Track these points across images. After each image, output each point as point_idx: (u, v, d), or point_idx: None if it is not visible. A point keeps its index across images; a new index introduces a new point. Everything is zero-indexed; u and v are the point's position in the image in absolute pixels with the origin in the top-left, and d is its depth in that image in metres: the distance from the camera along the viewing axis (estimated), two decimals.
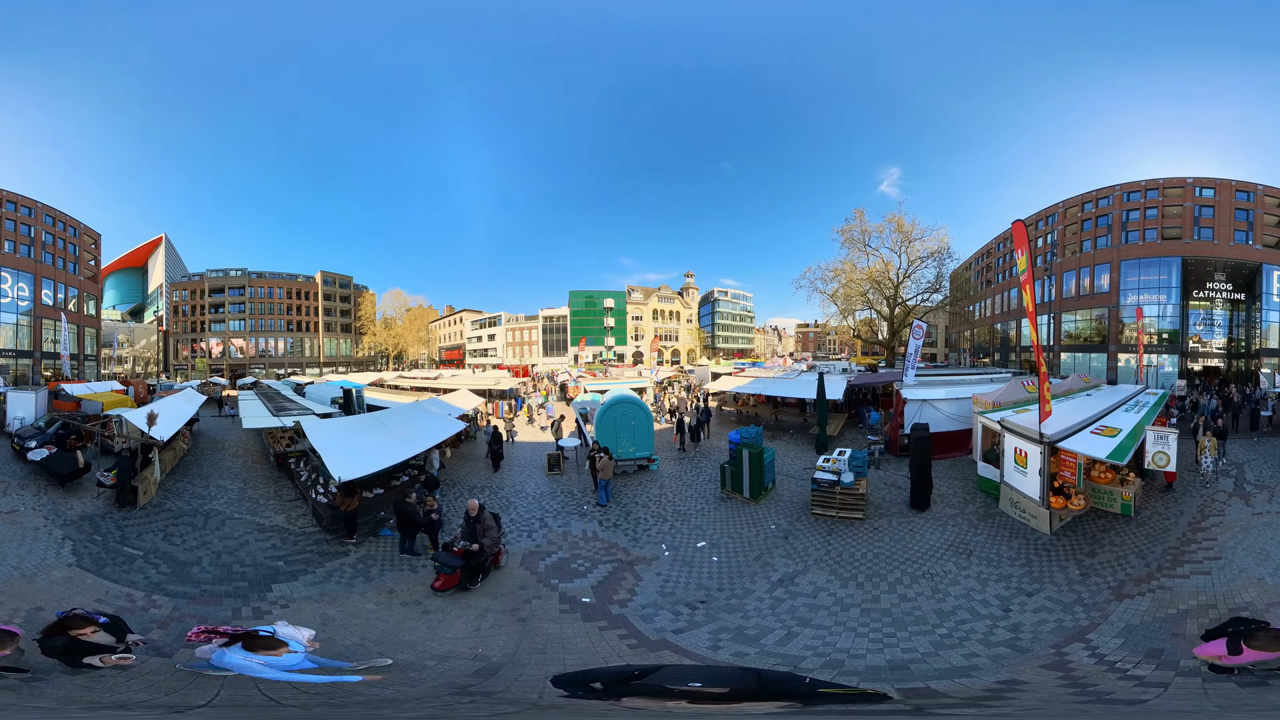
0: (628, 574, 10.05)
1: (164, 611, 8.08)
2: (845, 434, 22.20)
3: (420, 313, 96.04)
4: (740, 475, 14.19)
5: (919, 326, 23.35)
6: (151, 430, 13.91)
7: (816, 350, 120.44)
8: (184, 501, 13.68)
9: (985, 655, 6.75)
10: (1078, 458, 11.42)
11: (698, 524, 12.56)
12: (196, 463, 17.79)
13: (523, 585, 9.49)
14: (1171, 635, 6.83)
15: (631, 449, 17.03)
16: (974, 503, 13.06)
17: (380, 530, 11.93)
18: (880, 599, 8.58)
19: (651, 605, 8.78)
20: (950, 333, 74.21)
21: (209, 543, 11.06)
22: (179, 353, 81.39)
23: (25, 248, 49.05)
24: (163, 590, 8.81)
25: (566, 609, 8.61)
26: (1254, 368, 40.12)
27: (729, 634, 7.75)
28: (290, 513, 13.18)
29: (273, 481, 15.92)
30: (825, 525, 12.00)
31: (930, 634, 7.39)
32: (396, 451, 13.14)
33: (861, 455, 13.84)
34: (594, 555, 10.97)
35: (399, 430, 14.91)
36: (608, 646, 7.42)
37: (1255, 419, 20.77)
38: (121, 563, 9.82)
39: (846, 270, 48.70)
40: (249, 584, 9.20)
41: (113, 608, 7.73)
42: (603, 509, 13.75)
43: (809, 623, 7.95)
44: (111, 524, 11.66)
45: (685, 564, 10.48)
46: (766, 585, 9.40)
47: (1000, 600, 8.35)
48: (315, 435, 13.03)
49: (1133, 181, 45.82)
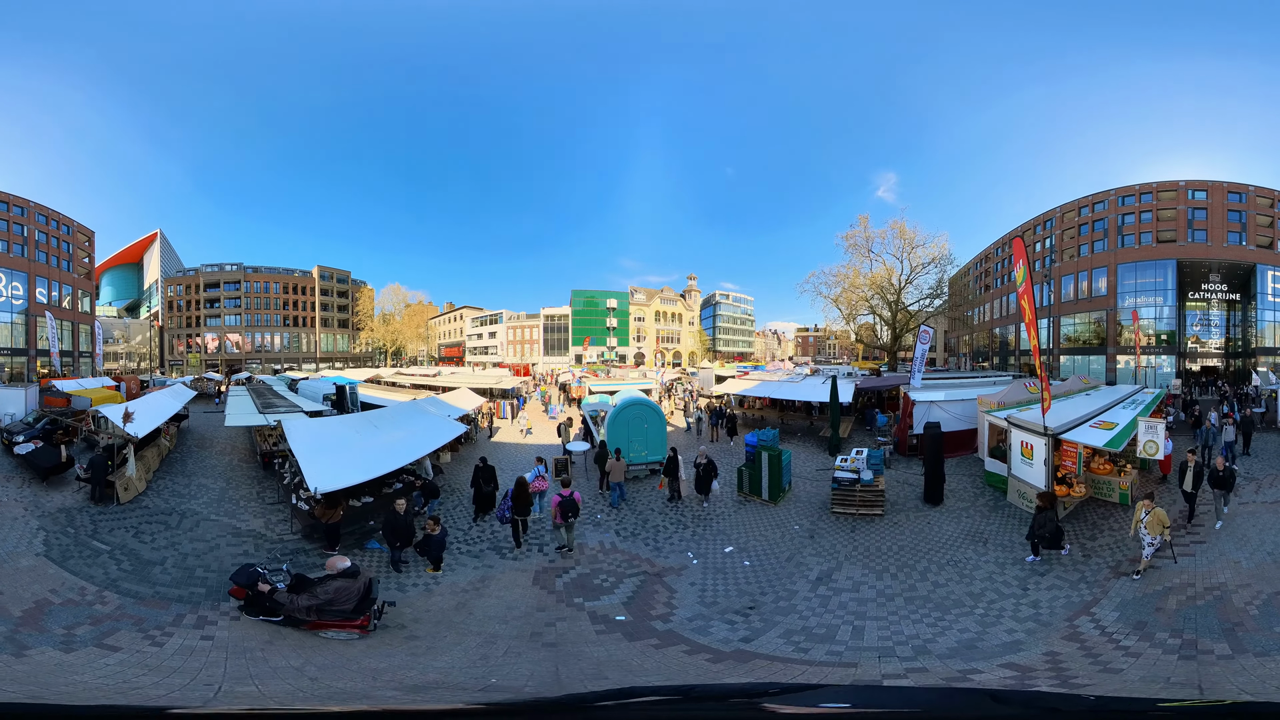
0: (659, 586, 9.54)
1: (107, 609, 7.81)
2: (853, 436, 22.74)
3: (419, 309, 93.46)
4: (759, 477, 14.19)
5: (925, 332, 24.21)
6: (127, 427, 13.48)
7: (817, 354, 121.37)
8: (162, 499, 13.39)
9: (1021, 630, 7.46)
10: (1078, 448, 12.29)
11: (720, 528, 12.38)
12: (182, 460, 17.40)
13: (540, 607, 8.67)
14: (1155, 610, 7.62)
15: (644, 453, 16.38)
16: (983, 496, 13.88)
17: (367, 543, 10.82)
18: (916, 587, 9.09)
19: (699, 617, 8.35)
20: (950, 337, 74.95)
21: (178, 543, 10.71)
22: (174, 348, 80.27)
23: (18, 247, 49.37)
24: (116, 587, 8.57)
25: (602, 629, 7.88)
26: (1250, 367, 40.60)
27: (800, 635, 7.57)
28: (270, 517, 12.54)
29: (257, 482, 15.22)
30: (847, 523, 12.37)
31: (970, 614, 8.05)
32: (387, 459, 11.89)
33: (878, 454, 14.46)
34: (616, 568, 10.33)
35: (392, 433, 13.70)
36: (675, 664, 6.81)
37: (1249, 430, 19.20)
38: (87, 556, 9.74)
39: (850, 275, 49.64)
40: (206, 590, 8.66)
41: (62, 599, 7.87)
42: (618, 518, 13.32)
43: (866, 615, 8.11)
44: (87, 518, 11.60)
45: (717, 570, 10.18)
46: (807, 584, 9.43)
47: (1019, 580, 9.15)
48: (296, 437, 11.70)
49: (1127, 186, 46.58)
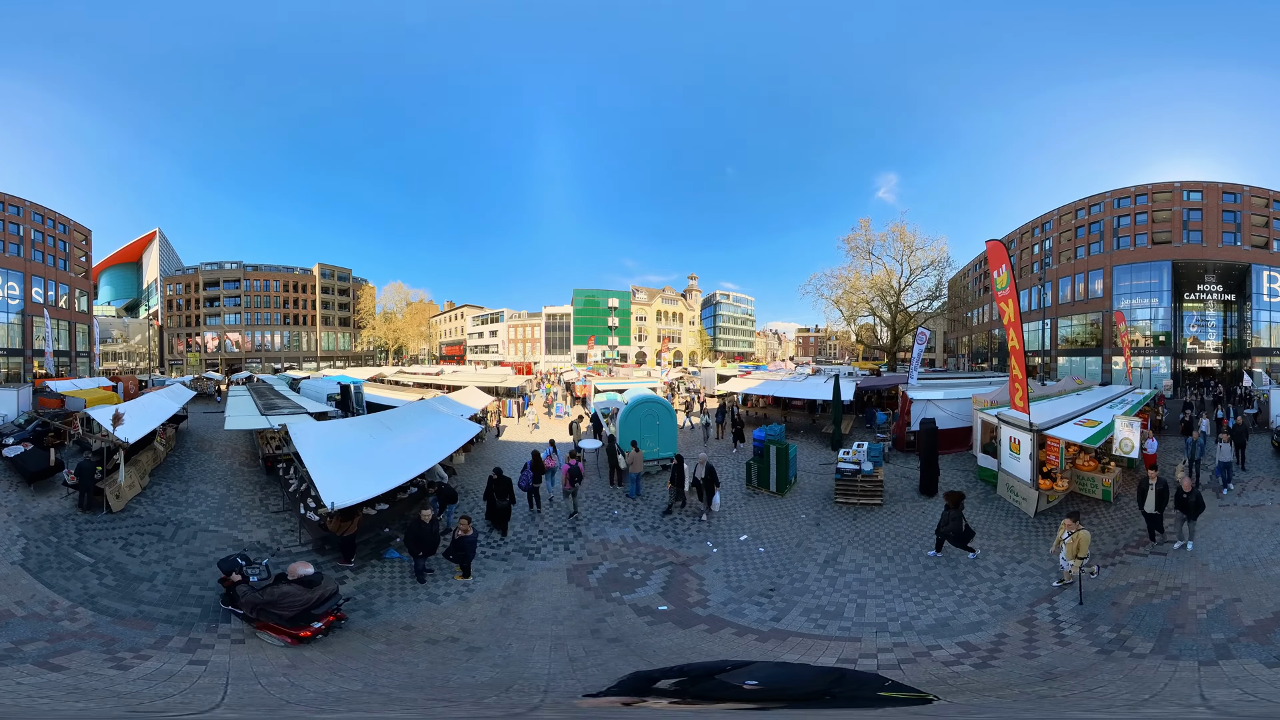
0: (687, 575, 10.08)
1: (75, 626, 7.17)
2: (854, 433, 23.48)
3: (421, 307, 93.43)
4: (767, 470, 14.96)
5: (922, 333, 25.06)
6: (116, 431, 12.62)
7: (817, 355, 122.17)
8: (156, 507, 12.68)
9: (988, 612, 8.36)
10: (1060, 443, 13.08)
11: (733, 519, 13.06)
12: (179, 464, 16.64)
13: (583, 604, 8.90)
14: (1111, 604, 8.15)
15: (656, 449, 16.74)
16: (975, 490, 14.63)
17: (385, 552, 10.32)
18: (909, 569, 10.06)
19: (731, 601, 8.96)
20: (948, 338, 75.59)
21: (171, 557, 9.96)
22: (174, 348, 79.83)
23: (14, 246, 49.45)
24: (93, 604, 7.93)
25: (651, 620, 8.30)
26: (1246, 368, 40.95)
27: (817, 614, 8.44)
28: (275, 527, 11.81)
29: (260, 488, 14.63)
30: (849, 512, 13.26)
31: (951, 594, 8.99)
32: (405, 465, 11.15)
33: (878, 448, 15.38)
34: (643, 561, 10.80)
35: (406, 436, 13.01)
36: (735, 646, 7.51)
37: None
38: (67, 568, 9.17)
39: (851, 277, 50.41)
40: (202, 610, 7.91)
41: (27, 612, 7.34)
42: (635, 513, 13.63)
43: (866, 594, 9.05)
44: (72, 526, 11.04)
45: (736, 558, 10.91)
46: (816, 567, 10.31)
47: (998, 566, 10.00)
48: (305, 445, 10.97)
49: (1123, 188, 47.00)
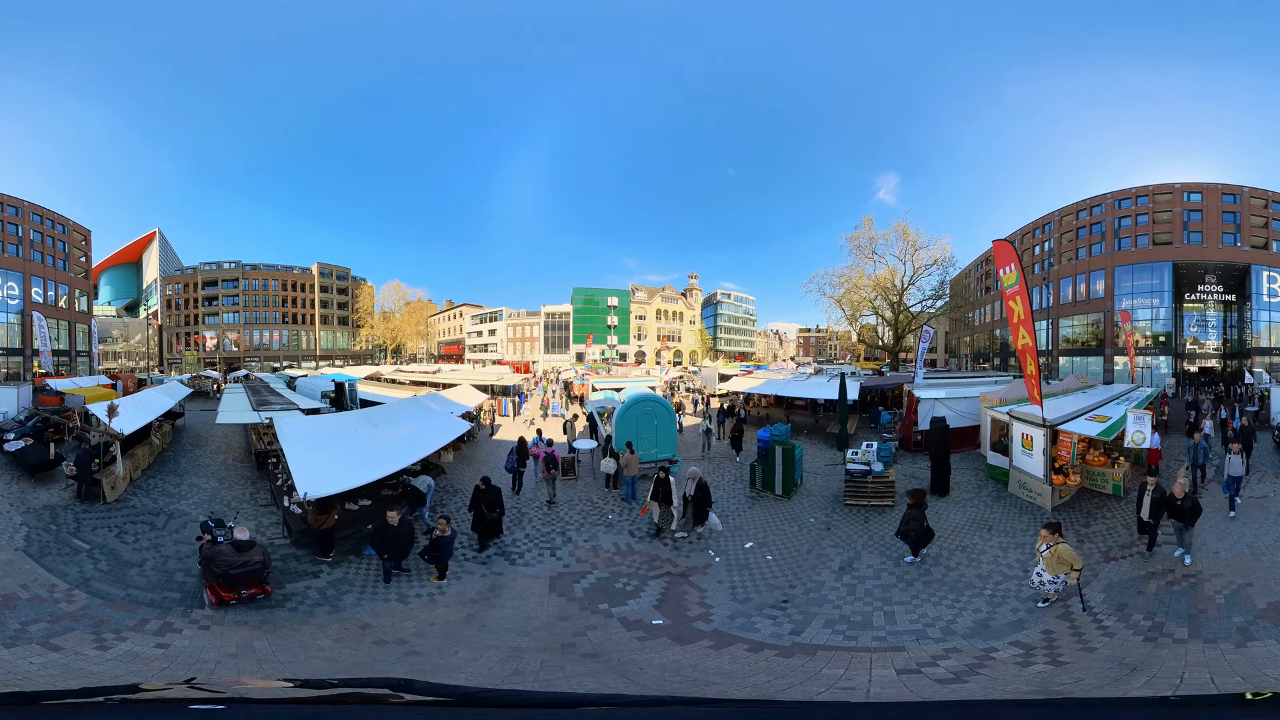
0: (686, 587, 9.30)
1: (72, 608, 7.65)
2: (859, 433, 23.34)
3: (419, 306, 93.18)
4: (772, 473, 14.29)
5: (926, 332, 25.16)
6: (111, 423, 13.34)
7: (818, 355, 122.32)
8: (150, 499, 13.20)
9: (1023, 610, 8.03)
10: (1074, 439, 13.12)
11: (737, 525, 12.44)
12: (174, 458, 17.16)
13: (563, 615, 8.22)
14: (1137, 593, 8.22)
15: (654, 450, 15.85)
16: (986, 488, 14.67)
17: (364, 549, 10.31)
18: (931, 571, 9.63)
19: (739, 615, 8.30)
20: (950, 338, 75.70)
21: (161, 545, 10.47)
22: (173, 347, 79.79)
23: (13, 247, 49.51)
24: (88, 587, 8.40)
25: (642, 635, 7.52)
26: (1246, 367, 41.24)
27: (842, 624, 7.83)
28: (261, 519, 12.12)
29: (250, 483, 14.97)
30: (860, 514, 12.78)
31: (980, 594, 8.63)
32: (386, 460, 11.20)
33: (887, 447, 15.13)
34: (637, 571, 10.00)
35: (391, 431, 12.95)
36: (745, 664, 6.72)
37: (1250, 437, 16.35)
38: (66, 554, 9.67)
39: (854, 277, 50.52)
40: (181, 595, 8.36)
41: (30, 595, 7.88)
42: (630, 518, 12.95)
43: (892, 600, 8.48)
44: (71, 516, 11.51)
45: (742, 567, 10.16)
46: (832, 574, 9.64)
47: (1020, 564, 9.83)
48: (288, 437, 11.13)
49: (1124, 189, 47.34)
